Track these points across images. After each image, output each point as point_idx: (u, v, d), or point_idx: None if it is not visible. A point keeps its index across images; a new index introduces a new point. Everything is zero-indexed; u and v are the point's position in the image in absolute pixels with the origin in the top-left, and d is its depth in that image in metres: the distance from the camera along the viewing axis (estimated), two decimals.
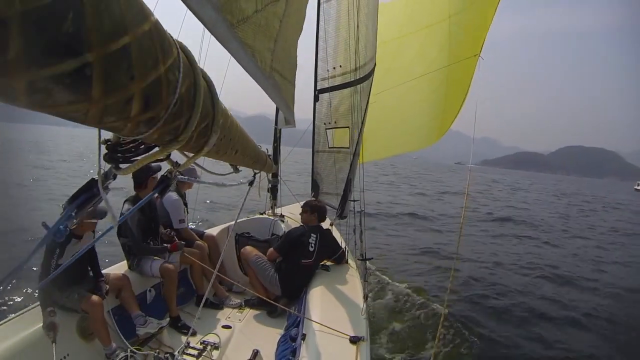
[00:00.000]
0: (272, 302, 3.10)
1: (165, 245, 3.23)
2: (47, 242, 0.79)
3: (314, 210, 3.50)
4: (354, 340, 2.04)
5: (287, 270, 3.24)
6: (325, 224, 3.74)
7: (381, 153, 6.33)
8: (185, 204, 3.78)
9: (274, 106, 2.96)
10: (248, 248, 3.53)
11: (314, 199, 4.25)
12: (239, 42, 1.05)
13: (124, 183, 3.06)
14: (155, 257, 3.11)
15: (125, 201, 3.03)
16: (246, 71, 1.23)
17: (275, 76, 1.57)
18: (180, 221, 3.50)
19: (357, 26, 3.60)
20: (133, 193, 3.08)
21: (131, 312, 2.69)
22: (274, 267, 3.33)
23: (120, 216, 2.65)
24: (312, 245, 3.24)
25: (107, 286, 2.62)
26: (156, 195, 3.43)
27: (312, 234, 3.29)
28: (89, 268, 2.66)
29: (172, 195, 3.52)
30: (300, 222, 3.80)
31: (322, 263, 3.37)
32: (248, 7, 1.07)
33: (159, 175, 3.02)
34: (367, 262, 3.22)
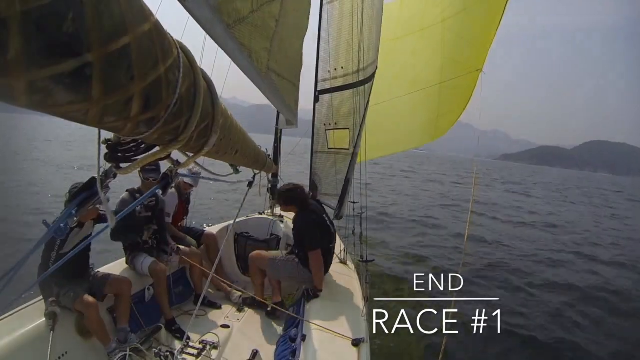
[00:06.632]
0: (274, 306, 2.98)
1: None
2: (46, 240, 0.80)
3: (287, 202, 3.04)
4: (356, 342, 2.03)
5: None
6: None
7: (379, 152, 6.39)
8: (187, 203, 3.78)
9: None
10: (263, 253, 3.26)
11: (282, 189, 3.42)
12: (235, 43, 1.06)
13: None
14: (147, 256, 3.01)
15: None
16: (242, 71, 1.24)
17: (272, 76, 1.58)
18: (167, 215, 3.49)
19: (361, 28, 3.59)
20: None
21: (119, 323, 2.57)
22: (293, 258, 3.04)
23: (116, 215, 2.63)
24: (332, 226, 3.11)
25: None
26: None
27: (324, 216, 3.10)
28: (90, 265, 2.61)
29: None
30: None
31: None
32: (244, 8, 1.08)
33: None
34: (368, 263, 3.20)
